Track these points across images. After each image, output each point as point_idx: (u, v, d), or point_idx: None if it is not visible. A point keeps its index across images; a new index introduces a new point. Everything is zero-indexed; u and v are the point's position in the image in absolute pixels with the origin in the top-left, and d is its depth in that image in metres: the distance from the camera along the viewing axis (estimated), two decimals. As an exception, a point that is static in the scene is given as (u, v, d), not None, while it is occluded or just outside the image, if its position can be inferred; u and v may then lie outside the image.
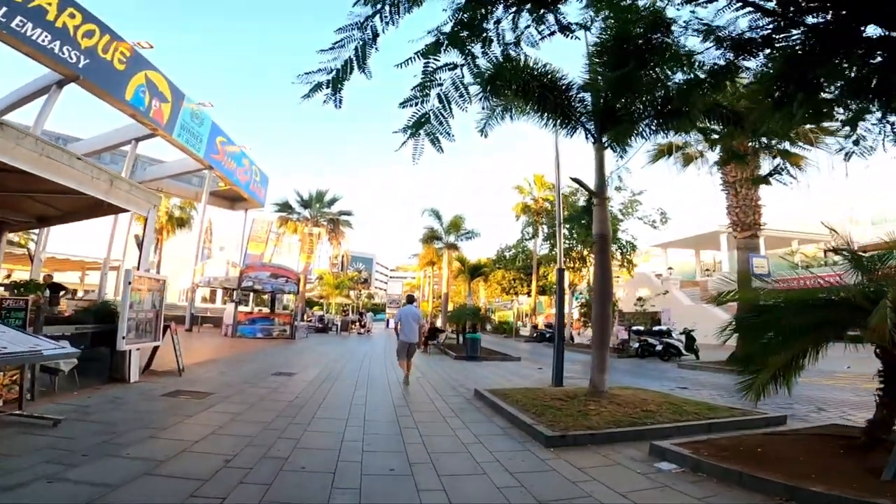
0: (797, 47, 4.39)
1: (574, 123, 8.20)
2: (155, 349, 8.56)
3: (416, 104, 4.81)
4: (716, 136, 8.33)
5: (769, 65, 5.01)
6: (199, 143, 22.30)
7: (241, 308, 25.91)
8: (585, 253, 24.07)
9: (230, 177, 25.70)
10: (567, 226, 24.14)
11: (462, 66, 4.76)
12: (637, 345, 18.23)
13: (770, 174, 7.83)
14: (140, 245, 8.23)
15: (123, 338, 7.05)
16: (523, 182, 35.04)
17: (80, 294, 26.48)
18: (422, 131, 4.85)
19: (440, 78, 4.81)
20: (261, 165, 30.80)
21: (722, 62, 5.66)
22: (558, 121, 8.25)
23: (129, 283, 7.21)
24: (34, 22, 14.24)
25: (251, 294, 23.44)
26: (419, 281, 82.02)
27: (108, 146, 22.33)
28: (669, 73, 6.54)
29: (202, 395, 6.92)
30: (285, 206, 31.44)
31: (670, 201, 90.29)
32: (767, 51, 4.97)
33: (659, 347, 16.79)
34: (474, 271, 25.83)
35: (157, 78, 19.50)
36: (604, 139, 8.04)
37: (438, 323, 26.72)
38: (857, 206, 32.24)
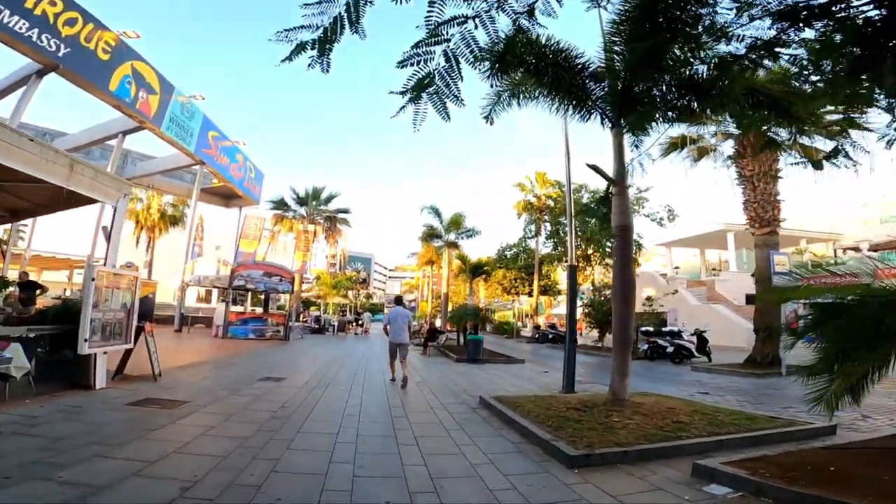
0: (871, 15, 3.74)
1: (590, 107, 7.48)
2: (128, 352, 7.79)
3: (418, 63, 4.05)
4: (748, 122, 7.57)
5: (827, 37, 4.37)
6: (189, 138, 21.49)
7: (236, 308, 25.23)
8: (591, 251, 23.39)
9: (223, 173, 24.89)
10: (577, 221, 23.41)
11: (474, 17, 4.00)
12: (646, 346, 17.48)
13: (828, 157, 7.11)
14: (108, 237, 7.44)
15: (86, 340, 6.28)
16: (524, 180, 34.47)
17: (67, 293, 25.75)
18: (424, 95, 4.08)
19: (447, 33, 4.06)
20: (256, 164, 30.06)
21: (769, 34, 5.01)
22: (572, 104, 7.54)
23: (93, 279, 6.44)
24: (11, 9, 13.48)
25: (248, 294, 22.66)
26: (418, 281, 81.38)
27: (94, 140, 21.53)
28: (702, 48, 5.88)
29: (174, 403, 6.14)
30: (281, 204, 30.66)
31: (675, 199, 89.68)
32: (824, 22, 4.35)
33: (670, 349, 16.05)
34: (476, 270, 24.94)
35: (144, 69, 18.71)
36: (623, 123, 7.32)
37: (437, 323, 26.06)
38: (867, 205, 31.55)
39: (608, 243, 23.27)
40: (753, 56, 5.79)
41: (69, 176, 6.27)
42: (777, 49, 5.61)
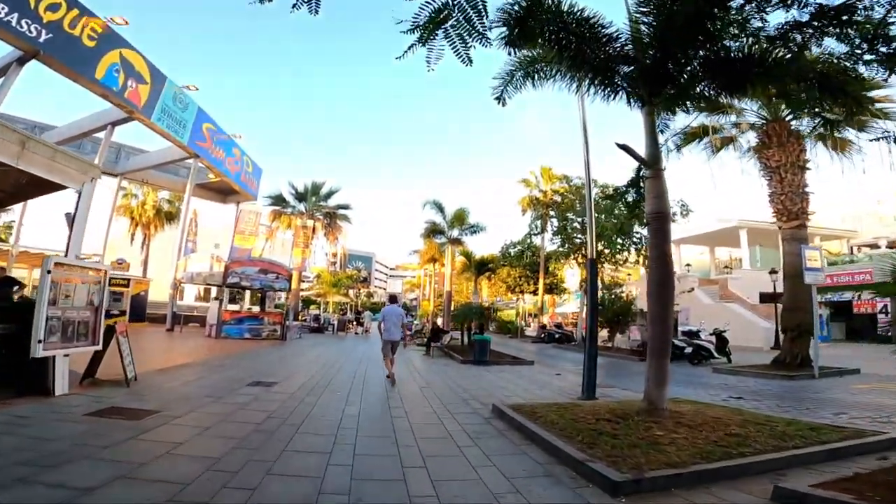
0: None
1: (616, 84, 6.65)
2: (98, 354, 6.96)
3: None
4: (796, 102, 6.75)
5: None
6: (182, 129, 20.70)
7: (233, 307, 24.39)
8: (601, 247, 22.45)
9: (218, 166, 24.10)
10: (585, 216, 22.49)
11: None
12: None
13: (879, 139, 6.29)
14: (70, 224, 6.60)
15: (40, 341, 5.45)
16: (529, 175, 33.67)
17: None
18: (440, 32, 3.24)
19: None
20: (254, 161, 29.25)
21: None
22: (595, 81, 6.71)
23: (48, 271, 5.61)
24: (-12, -5, 12.81)
25: (247, 292, 21.77)
26: (419, 279, 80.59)
27: (83, 132, 20.77)
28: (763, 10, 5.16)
29: (142, 414, 5.31)
30: (279, 200, 29.82)
31: (684, 196, 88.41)
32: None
33: (688, 350, 15.19)
34: (481, 267, 24.03)
35: (133, 57, 17.93)
36: (655, 100, 6.51)
37: (439, 322, 25.21)
38: (882, 201, 30.63)
39: (619, 240, 22.42)
40: (817, 24, 5.04)
41: (20, 154, 5.44)
42: (844, 17, 4.90)
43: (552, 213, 25.19)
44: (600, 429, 5.06)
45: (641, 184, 7.30)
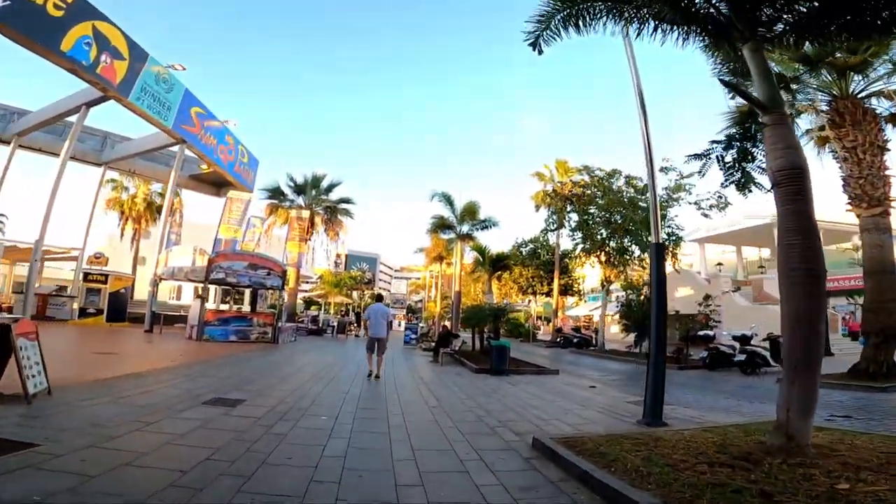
0: None
1: (702, 16, 4.95)
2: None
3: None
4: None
5: None
6: (166, 112, 18.98)
7: (225, 307, 22.61)
8: (628, 244, 20.51)
9: (209, 154, 22.37)
10: (614, 211, 20.37)
11: None
12: (704, 353, 14.62)
13: None
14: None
15: None
16: (543, 169, 31.72)
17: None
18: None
19: None
20: (250, 151, 27.52)
21: None
22: (667, 16, 4.98)
23: None
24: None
25: (246, 291, 19.78)
26: (424, 280, 78.69)
27: (58, 114, 19.13)
28: None
29: (6, 447, 3.45)
30: (276, 193, 28.08)
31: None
32: None
33: (739, 357, 13.18)
34: (496, 264, 21.82)
35: (109, 31, 16.23)
36: (760, 33, 4.75)
37: (447, 324, 23.22)
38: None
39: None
40: None
41: None
42: None
43: (570, 207, 23.17)
44: (729, 482, 3.17)
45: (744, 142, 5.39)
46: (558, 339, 26.95)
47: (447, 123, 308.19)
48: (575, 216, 23.37)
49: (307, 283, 72.10)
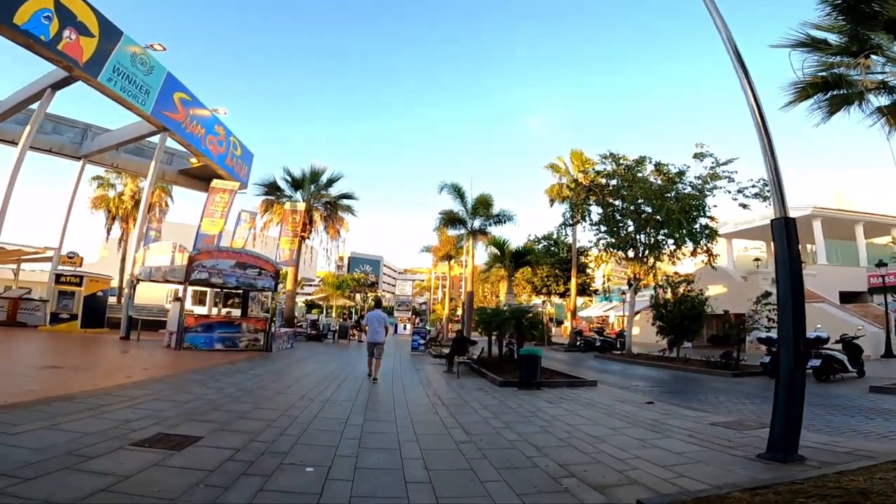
0: None
1: None
2: None
3: None
4: None
5: None
6: (144, 96, 17.25)
7: (224, 311, 20.80)
8: (661, 237, 18.55)
9: (195, 144, 20.63)
10: (647, 202, 18.30)
11: None
12: (766, 358, 12.69)
13: None
14: None
15: None
16: (557, 161, 29.84)
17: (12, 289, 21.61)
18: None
19: None
20: (244, 144, 25.77)
21: None
22: None
23: None
24: None
25: (248, 294, 17.87)
26: (429, 282, 76.87)
27: (22, 100, 17.39)
28: None
29: None
30: (272, 188, 26.25)
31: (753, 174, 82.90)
32: None
33: (815, 362, 11.25)
34: (518, 259, 19.60)
35: (75, 5, 14.56)
36: None
37: (452, 326, 21.40)
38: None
39: (700, 216, 18.35)
40: None
41: None
42: None
43: (593, 199, 21.21)
44: None
45: None
46: (578, 343, 25.01)
47: (449, 122, 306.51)
48: (598, 209, 21.44)
49: (309, 285, 70.50)
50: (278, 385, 8.74)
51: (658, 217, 18.02)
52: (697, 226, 19.07)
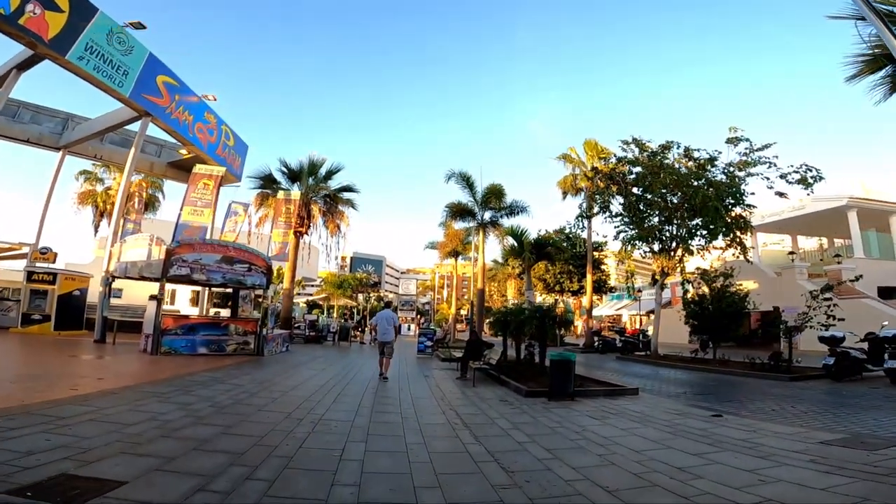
0: None
1: None
2: None
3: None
4: None
5: None
6: (121, 77, 15.78)
7: (222, 312, 19.33)
8: (694, 225, 16.95)
9: (182, 132, 19.15)
10: (678, 190, 16.68)
11: None
12: (830, 360, 11.12)
13: None
14: None
15: None
16: (569, 152, 28.27)
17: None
18: None
19: None
20: (237, 134, 24.28)
21: None
22: None
23: None
24: None
25: (238, 292, 16.21)
26: (434, 281, 75.35)
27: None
28: None
29: None
30: (267, 181, 24.81)
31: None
32: None
33: (829, 360, 9.72)
34: (539, 250, 17.54)
35: (40, -23, 13.09)
36: None
37: (454, 326, 19.87)
38: None
39: (737, 204, 16.77)
40: None
41: None
42: None
43: (613, 189, 19.57)
44: None
45: None
46: (597, 343, 23.43)
47: (452, 123, 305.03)
48: (619, 199, 19.85)
49: (311, 285, 68.98)
50: (262, 398, 7.23)
51: (691, 205, 16.43)
52: (733, 215, 17.49)
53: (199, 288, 19.49)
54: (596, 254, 28.95)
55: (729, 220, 16.73)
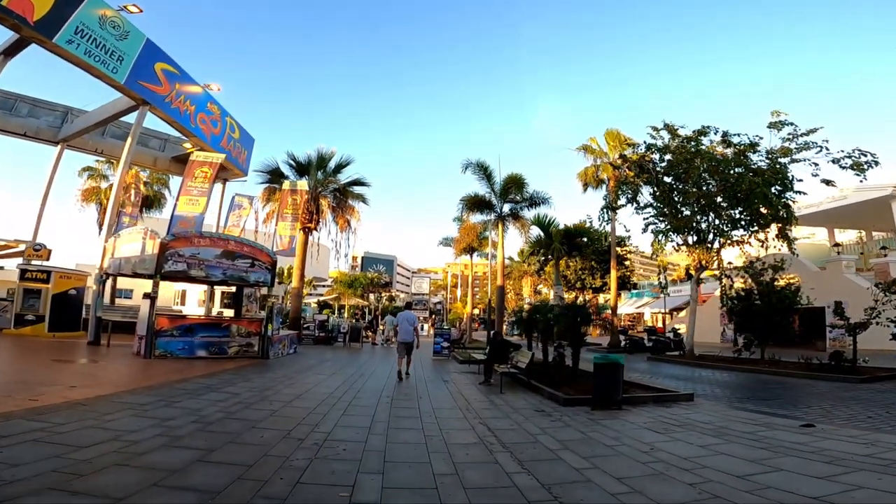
0: None
1: None
2: None
3: None
4: None
5: None
6: (116, 63, 14.90)
7: (226, 311, 18.36)
8: (738, 214, 15.57)
9: (183, 122, 18.28)
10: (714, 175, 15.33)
11: None
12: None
13: None
14: None
15: None
16: (590, 142, 26.93)
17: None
18: None
19: None
20: (243, 127, 23.39)
21: None
22: None
23: None
24: None
25: (241, 290, 15.08)
26: (445, 279, 74.27)
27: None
28: None
29: None
30: (275, 175, 23.87)
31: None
32: None
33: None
34: (570, 240, 15.64)
35: (26, -42, 12.25)
36: None
37: (470, 325, 18.64)
38: None
39: (786, 190, 15.40)
40: None
41: None
42: None
43: (643, 178, 18.19)
44: None
45: None
46: (623, 343, 22.14)
47: (456, 122, 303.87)
48: (648, 189, 18.51)
49: (322, 285, 68.26)
50: (258, 411, 6.17)
51: (733, 193, 15.10)
52: (776, 207, 16.07)
53: (207, 287, 18.54)
54: (619, 249, 27.59)
55: (779, 208, 15.34)
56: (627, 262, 29.50)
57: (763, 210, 15.11)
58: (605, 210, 20.51)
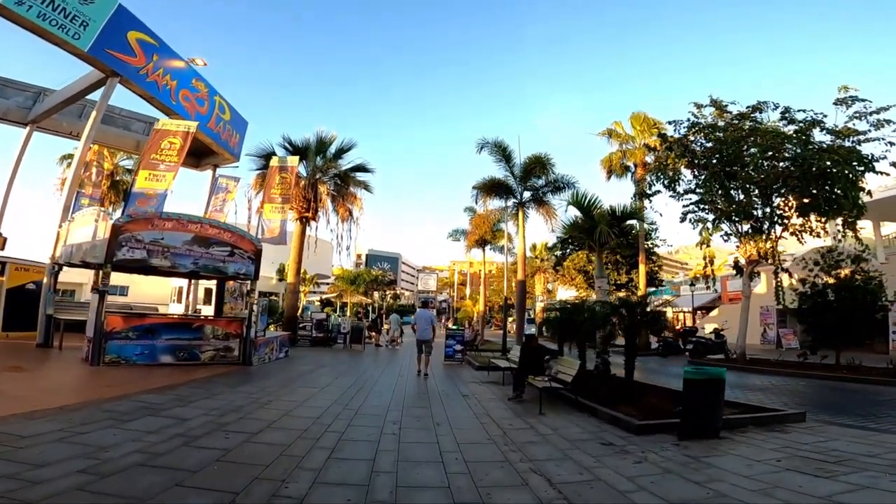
0: None
1: None
2: None
3: None
4: None
5: None
6: (77, 28, 12.92)
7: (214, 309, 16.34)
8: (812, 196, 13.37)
9: (162, 98, 16.27)
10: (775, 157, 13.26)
11: None
12: None
13: None
14: None
15: None
16: (615, 126, 24.82)
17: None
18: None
19: None
20: (234, 107, 21.44)
21: None
22: None
23: None
24: None
25: (238, 284, 12.93)
26: (452, 276, 72.37)
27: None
28: None
29: None
30: (269, 159, 21.87)
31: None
32: None
33: None
34: (620, 222, 12.86)
35: None
36: None
37: (483, 325, 16.43)
38: None
39: (867, 170, 13.24)
40: None
41: None
42: None
43: (683, 162, 16.01)
44: None
45: None
46: (656, 345, 20.02)
47: (456, 121, 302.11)
48: (686, 173, 16.35)
49: (324, 283, 66.36)
50: (199, 454, 4.16)
51: (803, 173, 12.93)
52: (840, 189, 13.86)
53: (211, 284, 16.25)
54: (646, 242, 25.43)
55: (858, 192, 13.17)
56: (655, 258, 27.28)
57: (837, 192, 12.91)
58: (637, 197, 18.35)
